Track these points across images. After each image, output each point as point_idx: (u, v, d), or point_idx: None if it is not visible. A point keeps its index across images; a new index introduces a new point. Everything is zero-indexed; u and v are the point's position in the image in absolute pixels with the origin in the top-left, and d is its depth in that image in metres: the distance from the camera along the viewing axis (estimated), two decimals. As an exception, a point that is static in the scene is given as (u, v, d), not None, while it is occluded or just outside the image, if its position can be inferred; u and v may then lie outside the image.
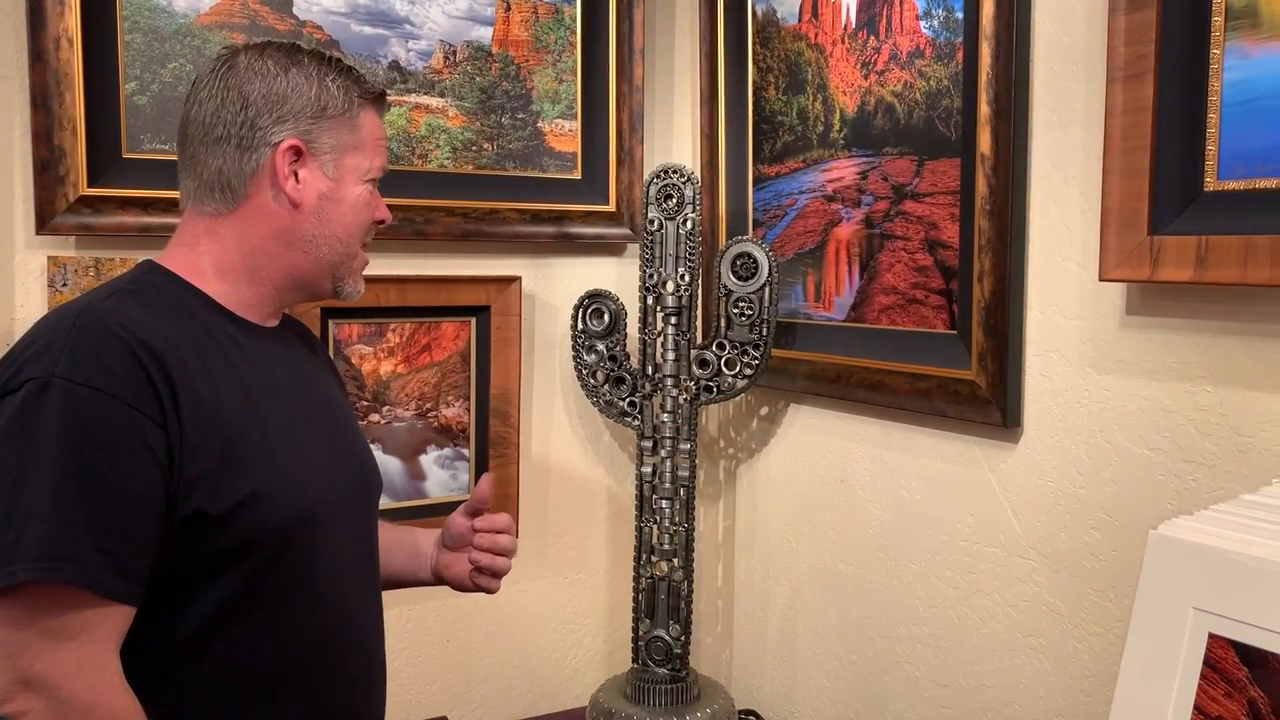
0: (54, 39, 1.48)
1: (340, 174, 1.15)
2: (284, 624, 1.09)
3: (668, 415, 1.75)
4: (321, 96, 1.14)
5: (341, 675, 1.16)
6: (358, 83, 1.17)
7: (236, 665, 1.06)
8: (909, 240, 1.55)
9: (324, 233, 1.15)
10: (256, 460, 1.05)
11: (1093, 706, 1.32)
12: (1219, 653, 0.92)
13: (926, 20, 1.50)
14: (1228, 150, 1.11)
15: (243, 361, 1.10)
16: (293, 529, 1.07)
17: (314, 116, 1.13)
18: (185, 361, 1.02)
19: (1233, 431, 1.16)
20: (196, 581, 1.03)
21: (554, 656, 2.03)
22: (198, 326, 1.08)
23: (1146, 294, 1.24)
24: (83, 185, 1.52)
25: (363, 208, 1.18)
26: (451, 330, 1.85)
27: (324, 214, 1.15)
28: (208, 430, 1.01)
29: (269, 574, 1.06)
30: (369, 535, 1.24)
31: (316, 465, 1.14)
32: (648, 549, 1.76)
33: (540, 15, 1.88)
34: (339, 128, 1.15)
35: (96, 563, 0.94)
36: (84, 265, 1.55)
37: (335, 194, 1.15)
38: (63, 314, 1.02)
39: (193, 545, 1.01)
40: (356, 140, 1.16)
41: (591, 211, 1.93)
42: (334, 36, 1.70)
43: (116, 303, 1.04)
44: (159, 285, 1.11)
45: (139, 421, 0.97)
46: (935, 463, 1.54)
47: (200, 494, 1.00)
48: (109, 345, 0.98)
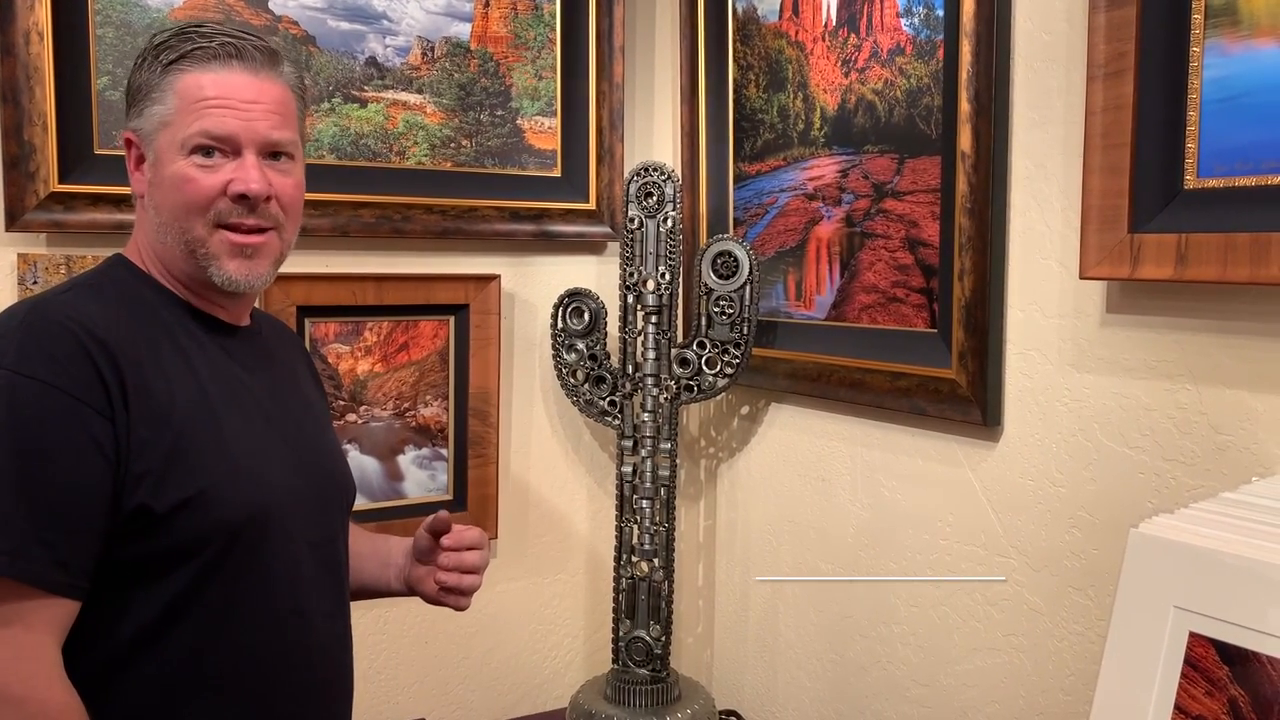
0: (24, 33, 1.46)
1: (157, 155, 1.08)
2: (233, 627, 1.06)
3: (648, 414, 1.74)
4: (138, 80, 1.09)
5: (299, 681, 1.13)
6: (179, 47, 1.08)
7: (182, 667, 1.03)
8: (889, 239, 1.54)
9: (162, 219, 1.09)
10: (206, 459, 1.03)
11: (1073, 705, 1.32)
12: (1200, 651, 0.92)
13: (907, 18, 1.50)
14: (1208, 148, 1.11)
15: (201, 359, 1.08)
16: (241, 530, 1.05)
17: (138, 103, 1.09)
18: (139, 356, 1.01)
19: (1212, 430, 1.16)
20: (141, 580, 1.01)
21: (534, 657, 2.01)
22: (156, 322, 1.07)
23: (1126, 292, 1.24)
24: (53, 181, 1.50)
25: (183, 183, 1.07)
26: (430, 329, 1.83)
27: (154, 199, 1.09)
28: (156, 426, 1.00)
29: (216, 575, 1.03)
30: (334, 540, 1.20)
31: (273, 467, 1.10)
32: (628, 549, 1.75)
33: (519, 11, 1.87)
34: (154, 106, 1.08)
35: (36, 554, 0.93)
36: (55, 263, 1.53)
37: (157, 177, 1.09)
38: (18, 308, 1.02)
39: (137, 542, 0.99)
40: (167, 113, 1.07)
41: (571, 209, 1.92)
42: (310, 31, 1.68)
43: (73, 297, 1.03)
44: (121, 280, 1.10)
45: (85, 415, 0.96)
46: (916, 461, 1.54)
47: (145, 489, 0.98)
48: (58, 338, 0.97)
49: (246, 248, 1.10)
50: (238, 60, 1.08)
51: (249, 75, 1.09)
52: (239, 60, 1.08)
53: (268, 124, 1.09)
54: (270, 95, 1.10)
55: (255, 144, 1.09)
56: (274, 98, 1.10)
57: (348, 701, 1.22)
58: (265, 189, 1.09)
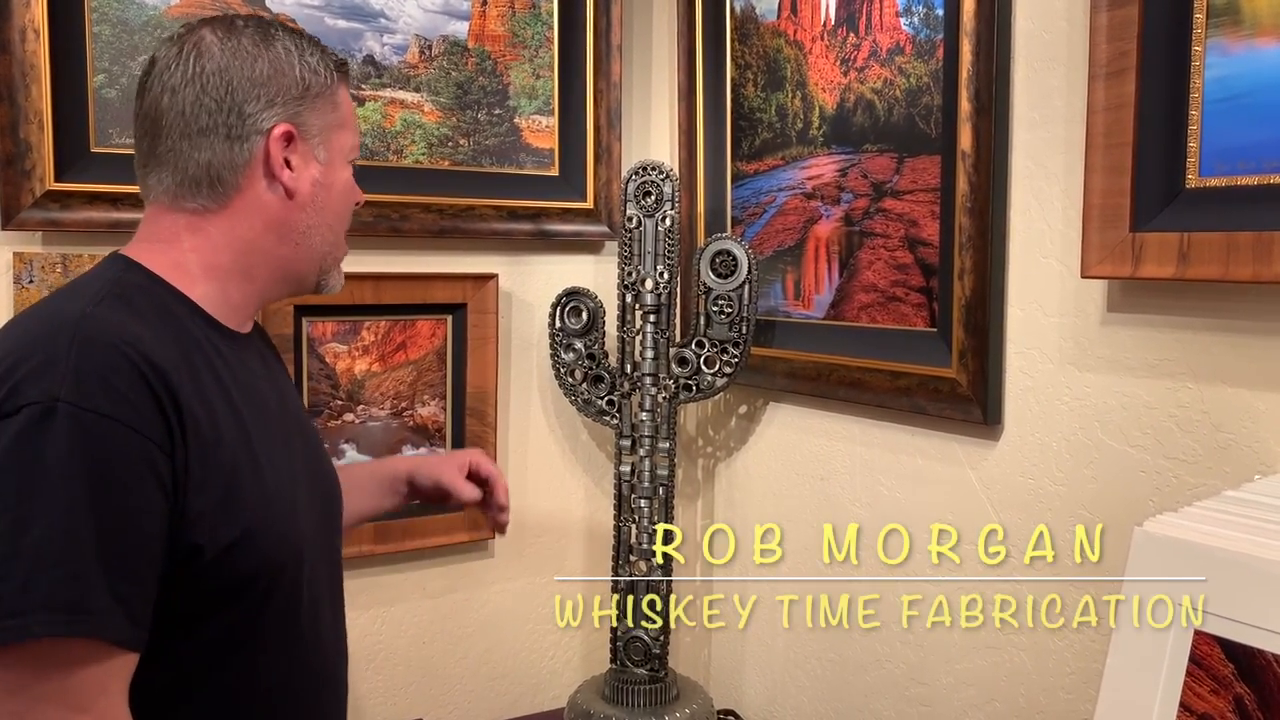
0: (19, 30, 1.45)
1: (331, 157, 1.07)
2: (268, 661, 1.02)
3: (646, 414, 1.74)
4: (304, 74, 1.05)
5: (315, 705, 1.11)
6: (330, 56, 1.10)
7: (215, 708, 0.99)
8: (889, 238, 1.54)
9: (318, 221, 1.07)
10: (250, 495, 0.97)
11: (1074, 704, 1.32)
12: (1205, 649, 0.92)
13: (907, 17, 1.50)
14: (1210, 147, 1.11)
15: (230, 378, 1.01)
16: (283, 564, 1.01)
17: (299, 97, 1.04)
18: (186, 383, 0.93)
19: (1214, 428, 1.16)
20: (183, 623, 0.94)
21: (531, 657, 2.01)
22: (188, 339, 0.98)
23: (1128, 291, 1.24)
24: (49, 180, 1.49)
25: (350, 190, 1.12)
26: (427, 328, 1.82)
27: (318, 201, 1.07)
28: (210, 465, 0.93)
29: (257, 612, 0.99)
30: (338, 560, 1.18)
31: (298, 493, 1.07)
32: (626, 548, 1.75)
33: (517, 10, 1.86)
34: (323, 107, 1.06)
35: (115, 612, 0.84)
36: (51, 261, 1.52)
37: (327, 179, 1.07)
38: (53, 322, 0.91)
39: (182, 587, 0.92)
40: (340, 118, 1.08)
41: (569, 208, 1.92)
42: (307, 29, 1.67)
43: (113, 313, 0.92)
44: (145, 289, 0.99)
45: (149, 451, 0.87)
46: (916, 460, 1.54)
47: (199, 531, 0.91)
48: (116, 366, 0.87)
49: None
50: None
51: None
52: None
53: None
54: None
55: None
56: None
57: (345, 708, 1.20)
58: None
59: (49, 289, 1.52)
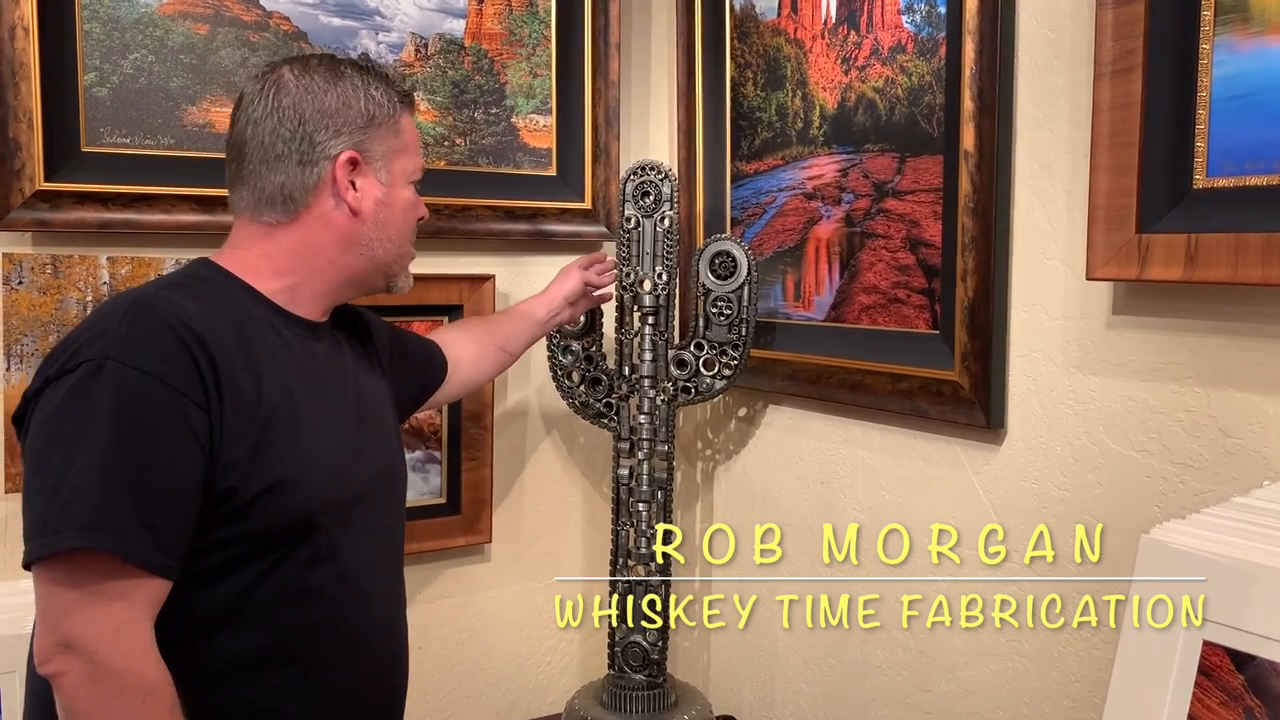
0: (9, 28, 1.43)
1: (392, 179, 1.22)
2: (305, 606, 1.13)
3: (645, 416, 1.72)
4: (369, 106, 1.20)
5: (364, 660, 1.21)
6: (396, 87, 1.24)
7: (256, 642, 1.10)
8: (890, 239, 1.52)
9: (381, 235, 1.22)
10: (287, 451, 1.10)
11: (1078, 712, 1.30)
12: (1214, 660, 0.90)
13: (908, 15, 1.48)
14: (1217, 147, 1.09)
15: (286, 356, 1.16)
16: (316, 517, 1.12)
17: (364, 126, 1.19)
18: (230, 352, 1.08)
19: (1221, 433, 1.14)
20: (222, 562, 1.07)
21: (528, 663, 1.99)
22: (245, 320, 1.13)
23: (1133, 293, 1.22)
24: (39, 180, 1.47)
25: (412, 207, 1.25)
26: (424, 330, 1.80)
27: (380, 218, 1.21)
28: (245, 419, 1.07)
29: (291, 559, 1.11)
30: (395, 527, 1.31)
31: (345, 459, 1.19)
32: (624, 553, 1.73)
33: (514, 8, 1.84)
34: (386, 134, 1.21)
35: (139, 536, 0.99)
36: (41, 262, 1.50)
37: (389, 198, 1.22)
38: (117, 302, 1.08)
39: (221, 527, 1.06)
40: (401, 144, 1.23)
41: (567, 209, 1.90)
42: (302, 28, 1.66)
43: (169, 294, 1.09)
44: (211, 280, 1.16)
45: (184, 406, 1.02)
46: (917, 464, 1.52)
47: (232, 477, 1.05)
48: (160, 332, 1.03)
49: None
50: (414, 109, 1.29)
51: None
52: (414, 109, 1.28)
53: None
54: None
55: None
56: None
57: (405, 685, 1.31)
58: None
59: (39, 291, 1.50)
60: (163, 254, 1.57)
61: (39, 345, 1.49)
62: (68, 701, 0.99)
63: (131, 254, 1.56)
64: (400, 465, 1.35)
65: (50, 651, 0.99)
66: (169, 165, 1.57)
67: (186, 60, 1.57)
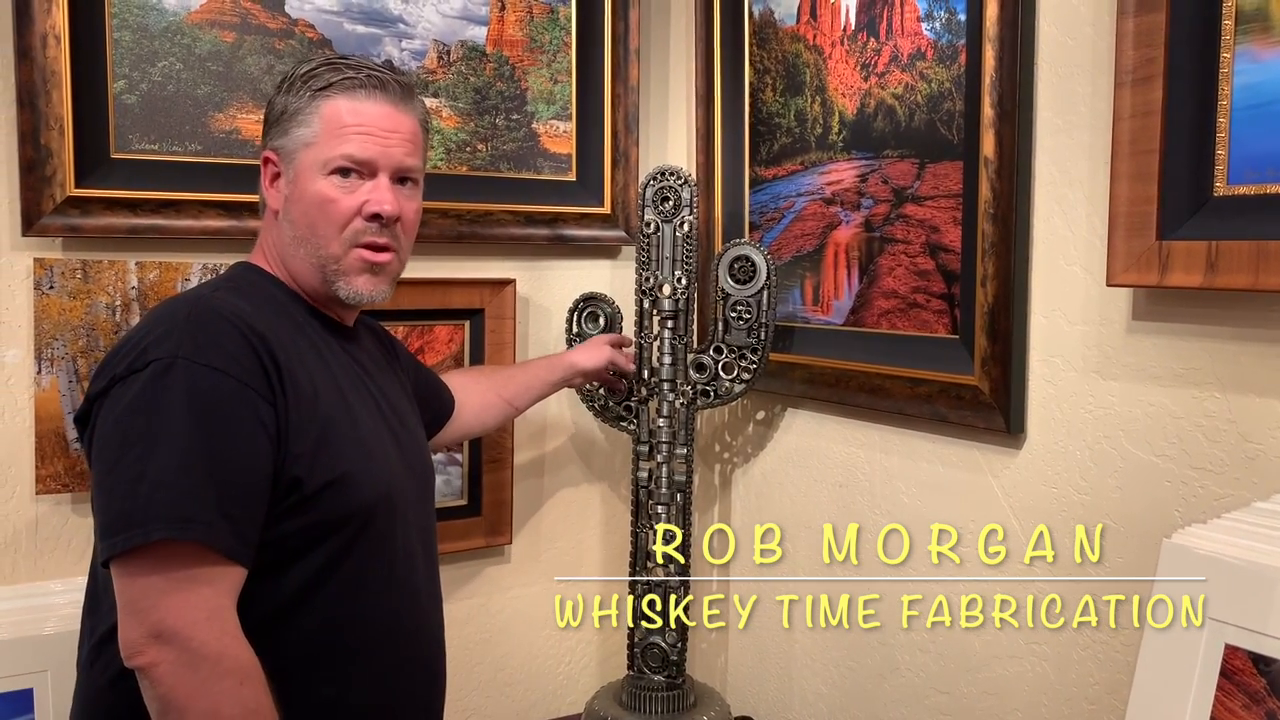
0: (41, 36, 1.45)
1: (297, 172, 1.20)
2: (363, 599, 1.16)
3: (664, 420, 1.73)
4: (285, 102, 1.20)
5: (414, 658, 1.24)
6: (327, 77, 1.20)
7: (320, 633, 1.13)
8: (910, 244, 1.53)
9: (296, 234, 1.21)
10: (346, 445, 1.14)
11: (1098, 715, 1.31)
12: (1236, 664, 0.91)
13: (928, 22, 1.49)
14: (1238, 155, 1.10)
15: (330, 355, 1.20)
16: (375, 510, 1.16)
17: (281, 124, 1.20)
18: (287, 350, 1.12)
19: (1241, 438, 1.15)
20: (288, 553, 1.10)
21: (548, 663, 2.00)
22: (290, 320, 1.18)
23: (1153, 299, 1.23)
24: (70, 186, 1.49)
25: (325, 202, 1.19)
26: (445, 334, 1.82)
27: (290, 214, 1.21)
28: (306, 412, 1.11)
29: (351, 550, 1.14)
30: (431, 526, 1.34)
31: (392, 458, 1.23)
32: (643, 554, 1.75)
33: (535, 15, 1.86)
34: (298, 127, 1.19)
35: (222, 526, 1.02)
36: (71, 267, 1.52)
37: (294, 193, 1.20)
38: (173, 306, 1.12)
39: (288, 518, 1.09)
40: (312, 134, 1.19)
41: (587, 214, 1.91)
42: (326, 35, 1.68)
43: (225, 295, 1.14)
44: (255, 283, 1.21)
45: (254, 400, 1.06)
46: (936, 468, 1.53)
47: (299, 468, 1.09)
48: (225, 331, 1.07)
49: (375, 265, 1.22)
50: (380, 91, 1.21)
51: (389, 106, 1.21)
52: (381, 91, 1.21)
53: (402, 151, 1.22)
54: (406, 126, 1.23)
55: (390, 169, 1.21)
56: (409, 129, 1.23)
57: (445, 681, 1.33)
58: (396, 210, 1.21)
59: (69, 295, 1.52)
60: (190, 259, 1.59)
61: (69, 349, 1.52)
62: (165, 690, 0.99)
63: (159, 259, 1.58)
64: (432, 467, 1.38)
65: (141, 644, 0.99)
66: (196, 171, 1.59)
67: (214, 68, 1.59)
